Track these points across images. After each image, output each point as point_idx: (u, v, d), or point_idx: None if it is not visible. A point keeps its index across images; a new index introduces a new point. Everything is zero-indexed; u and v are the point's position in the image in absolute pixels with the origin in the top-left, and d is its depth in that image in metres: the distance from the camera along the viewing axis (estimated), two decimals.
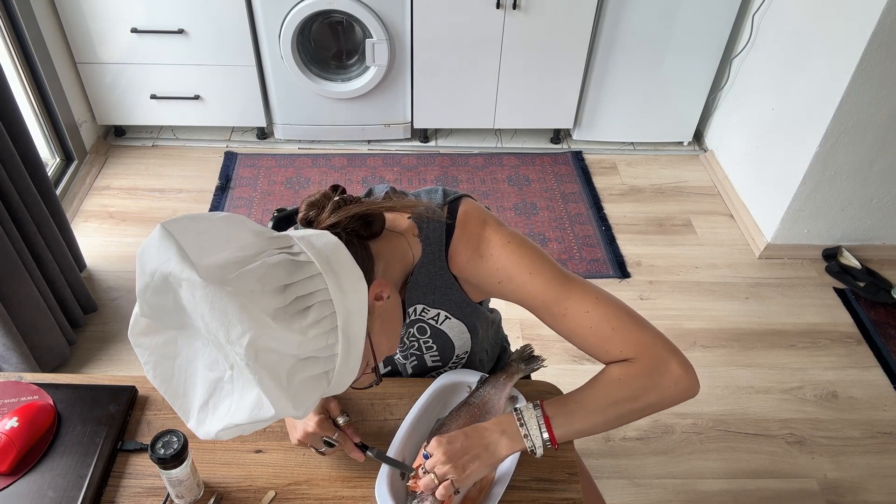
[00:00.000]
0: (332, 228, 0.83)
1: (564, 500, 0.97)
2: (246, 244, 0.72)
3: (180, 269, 0.66)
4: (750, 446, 1.92)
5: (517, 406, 0.94)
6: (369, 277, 0.81)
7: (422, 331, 1.04)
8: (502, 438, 0.91)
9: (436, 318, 1.02)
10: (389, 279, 0.89)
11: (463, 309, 1.01)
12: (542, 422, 0.90)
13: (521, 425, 0.91)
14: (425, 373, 1.14)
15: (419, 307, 1.00)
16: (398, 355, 1.10)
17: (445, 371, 1.13)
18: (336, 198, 0.86)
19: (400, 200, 0.94)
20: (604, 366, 0.95)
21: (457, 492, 0.89)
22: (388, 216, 0.92)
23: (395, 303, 0.87)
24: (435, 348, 1.07)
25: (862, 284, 2.40)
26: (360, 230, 0.85)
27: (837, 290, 2.41)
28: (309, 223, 0.86)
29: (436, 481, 0.89)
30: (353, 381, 0.81)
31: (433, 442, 0.92)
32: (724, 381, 2.09)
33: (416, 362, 1.11)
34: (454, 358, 1.11)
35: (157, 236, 0.68)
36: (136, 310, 0.71)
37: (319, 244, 0.76)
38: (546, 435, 0.90)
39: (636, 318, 0.92)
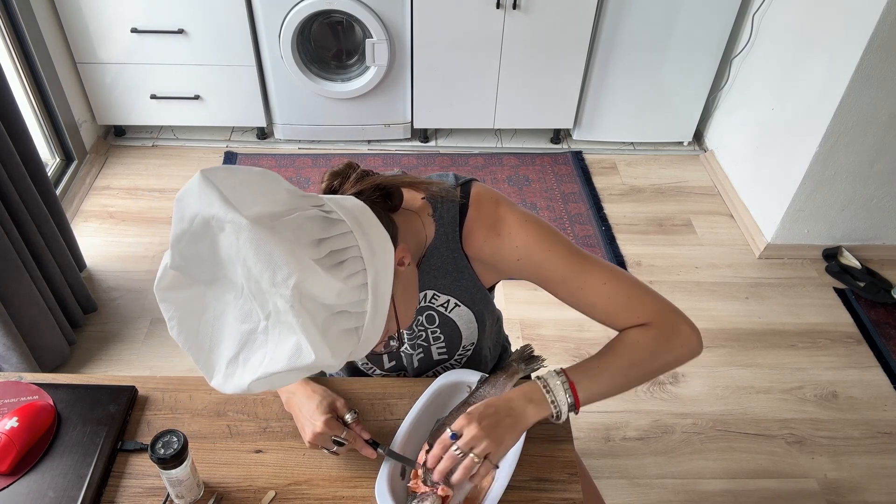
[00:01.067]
0: (356, 196, 0.84)
1: (564, 500, 0.97)
2: (279, 199, 0.72)
3: (224, 211, 0.66)
4: (750, 446, 1.92)
5: (540, 374, 0.95)
6: (394, 242, 0.83)
7: (430, 320, 1.05)
8: (528, 405, 0.92)
9: (445, 306, 1.03)
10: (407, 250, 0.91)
11: (473, 295, 1.03)
12: (567, 386, 0.93)
13: (548, 392, 0.92)
14: (431, 366, 1.14)
15: (429, 293, 1.02)
16: (406, 345, 1.10)
17: (450, 364, 1.14)
18: (359, 169, 0.89)
19: (415, 177, 0.95)
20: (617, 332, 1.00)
21: (496, 467, 0.90)
22: (405, 194, 0.94)
23: (413, 272, 0.90)
24: (442, 339, 1.08)
25: (862, 284, 2.40)
26: (381, 201, 0.88)
27: (837, 290, 2.41)
28: (332, 193, 0.87)
29: (476, 459, 0.88)
30: (377, 344, 0.81)
31: (461, 419, 0.90)
32: (724, 381, 2.09)
33: (422, 354, 1.12)
34: (460, 349, 1.11)
35: (198, 182, 0.68)
36: (164, 262, 0.71)
37: (348, 205, 0.78)
38: (571, 399, 0.92)
39: (645, 286, 0.98)
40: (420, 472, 0.95)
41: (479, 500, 0.94)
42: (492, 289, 1.11)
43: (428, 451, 0.96)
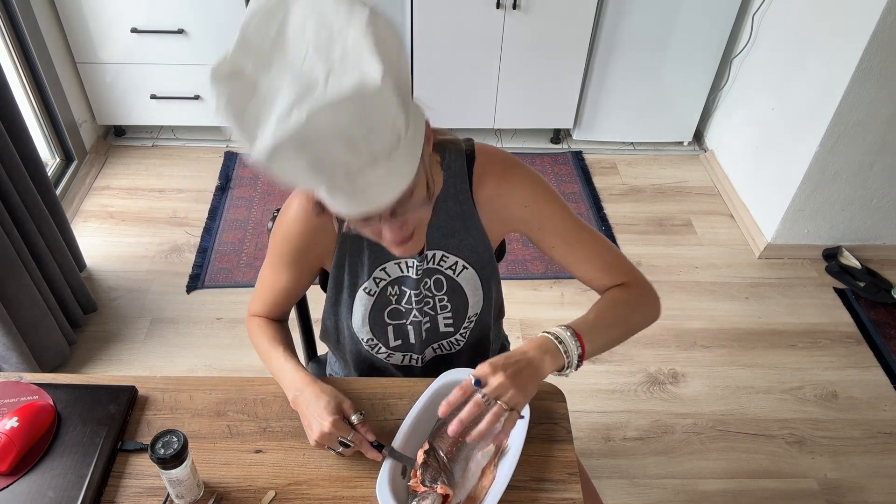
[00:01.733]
0: None
1: (564, 500, 0.97)
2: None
3: None
4: (750, 446, 1.92)
5: (548, 330, 0.95)
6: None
7: (438, 285, 1.08)
8: (546, 357, 0.92)
9: (453, 268, 1.07)
10: None
11: (480, 255, 1.07)
12: (575, 338, 0.95)
13: (560, 343, 0.94)
14: (436, 339, 1.15)
15: (438, 254, 1.05)
16: (413, 312, 1.11)
17: (455, 340, 1.15)
18: None
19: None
20: (599, 294, 1.08)
21: (521, 416, 0.91)
22: None
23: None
24: (449, 308, 1.10)
25: (862, 284, 2.40)
26: None
27: (837, 290, 2.41)
28: None
29: (504, 407, 0.86)
30: (415, 199, 0.81)
31: (484, 367, 0.88)
32: (724, 381, 2.09)
33: (428, 325, 1.13)
34: (465, 321, 1.13)
35: None
36: (226, 50, 0.71)
37: None
38: (579, 350, 0.95)
39: (623, 254, 1.09)
40: (419, 472, 0.95)
41: (480, 499, 0.94)
42: (498, 256, 1.14)
43: (427, 451, 0.96)
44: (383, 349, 1.16)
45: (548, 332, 0.95)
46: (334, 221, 1.00)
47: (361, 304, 1.10)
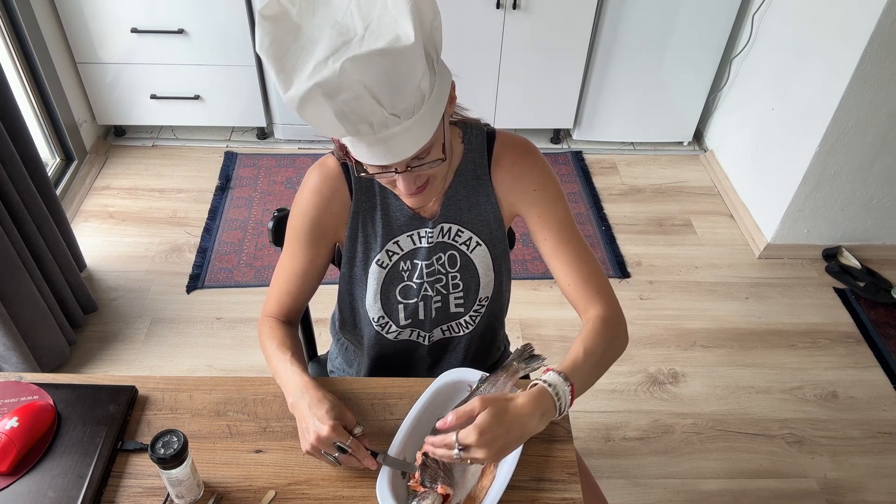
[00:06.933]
0: None
1: (564, 500, 0.97)
2: None
3: None
4: (750, 446, 1.92)
5: (548, 381, 0.92)
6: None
7: (452, 262, 1.09)
8: (541, 420, 0.90)
9: (467, 244, 1.09)
10: None
11: (493, 232, 1.09)
12: (568, 386, 0.93)
13: (557, 397, 0.91)
14: (447, 320, 1.16)
15: (454, 227, 1.07)
16: (425, 286, 1.11)
17: (465, 321, 1.16)
18: None
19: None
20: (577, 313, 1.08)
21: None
22: None
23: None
24: (461, 287, 1.12)
25: (862, 284, 2.40)
26: None
27: (837, 290, 2.41)
28: None
29: (472, 465, 0.89)
30: (431, 156, 0.88)
31: (471, 433, 0.84)
32: (724, 381, 2.09)
33: (439, 303, 1.13)
34: (476, 303, 1.14)
35: None
36: None
37: None
38: (569, 398, 0.94)
39: (604, 273, 1.08)
40: (418, 472, 0.95)
41: (480, 499, 0.94)
42: (510, 243, 1.16)
43: (426, 452, 0.96)
44: (393, 327, 1.16)
45: (545, 381, 0.92)
46: (352, 166, 0.94)
47: (374, 279, 1.10)
